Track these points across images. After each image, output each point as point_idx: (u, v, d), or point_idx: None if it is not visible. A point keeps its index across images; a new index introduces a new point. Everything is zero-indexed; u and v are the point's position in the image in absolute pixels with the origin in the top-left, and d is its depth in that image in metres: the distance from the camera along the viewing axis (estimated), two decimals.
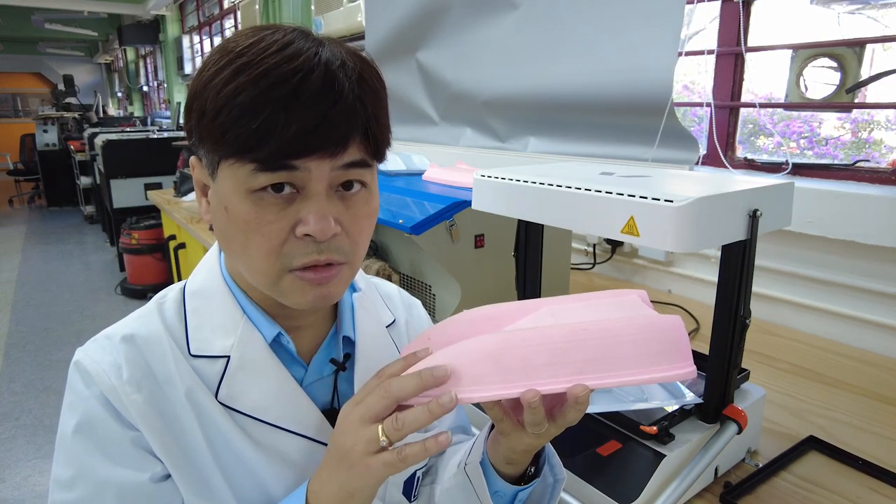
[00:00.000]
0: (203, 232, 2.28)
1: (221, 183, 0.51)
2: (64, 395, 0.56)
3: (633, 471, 0.74)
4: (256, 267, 0.52)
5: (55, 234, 6.68)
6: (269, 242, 0.50)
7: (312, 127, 0.47)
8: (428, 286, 1.33)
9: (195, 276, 0.61)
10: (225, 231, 0.53)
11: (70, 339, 3.67)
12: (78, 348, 0.56)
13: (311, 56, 0.47)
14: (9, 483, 2.32)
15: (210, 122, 0.48)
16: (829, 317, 1.32)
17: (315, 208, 0.50)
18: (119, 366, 0.53)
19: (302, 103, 0.46)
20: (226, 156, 0.49)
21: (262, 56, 0.47)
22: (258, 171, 0.48)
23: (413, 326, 0.75)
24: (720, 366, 0.78)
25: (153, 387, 0.54)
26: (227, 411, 0.55)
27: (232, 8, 5.35)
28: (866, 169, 1.32)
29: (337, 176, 0.51)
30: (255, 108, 0.46)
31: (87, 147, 6.00)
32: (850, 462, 0.87)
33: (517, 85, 1.91)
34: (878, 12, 1.36)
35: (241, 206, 0.50)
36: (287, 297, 0.53)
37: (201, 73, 0.50)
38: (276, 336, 0.58)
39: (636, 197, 0.68)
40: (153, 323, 0.57)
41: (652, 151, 1.55)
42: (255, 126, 0.46)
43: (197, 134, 0.51)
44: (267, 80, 0.46)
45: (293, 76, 0.46)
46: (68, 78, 8.85)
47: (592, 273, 1.84)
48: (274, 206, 0.50)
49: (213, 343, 0.56)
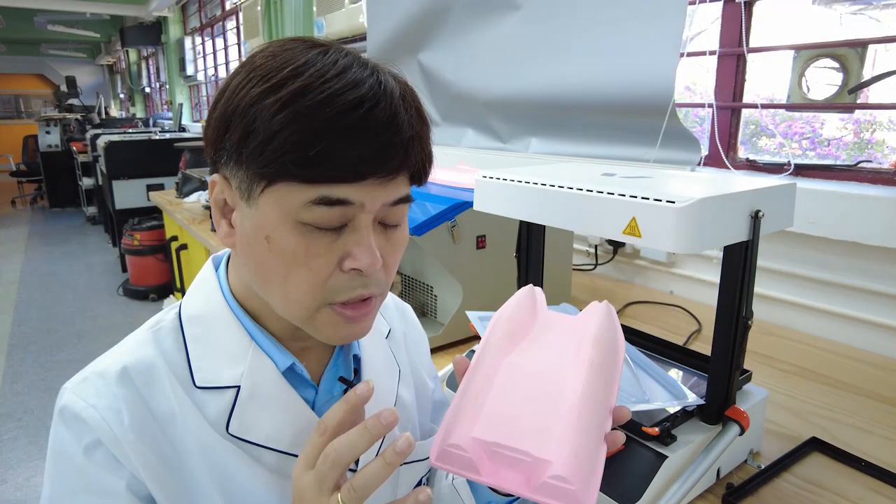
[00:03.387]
0: (205, 233, 2.29)
1: (264, 210, 0.48)
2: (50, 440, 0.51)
3: (635, 472, 0.74)
4: (295, 300, 0.50)
5: (57, 235, 6.69)
6: (315, 276, 0.49)
7: (375, 153, 0.46)
8: (429, 287, 1.33)
9: (192, 301, 0.58)
10: (263, 262, 0.50)
11: (72, 340, 3.67)
12: (63, 387, 0.52)
13: (375, 84, 0.47)
14: (11, 484, 2.32)
15: (260, 145, 0.45)
16: (832, 318, 1.32)
17: (365, 242, 0.49)
18: (118, 410, 0.50)
19: (368, 133, 0.45)
20: (275, 178, 0.46)
21: (322, 81, 0.45)
22: (313, 204, 0.46)
23: (410, 336, 0.74)
24: (722, 367, 0.78)
25: (155, 429, 0.51)
26: (238, 444, 0.53)
27: (234, 9, 5.36)
28: (869, 170, 1.32)
29: (384, 211, 0.50)
30: (318, 133, 0.44)
31: (89, 148, 6.02)
32: (853, 463, 0.86)
33: (519, 86, 1.91)
34: (881, 13, 1.36)
35: (289, 238, 0.47)
36: (320, 332, 0.52)
37: (237, 92, 0.47)
38: (290, 365, 0.56)
39: (638, 198, 0.68)
40: (150, 354, 0.53)
41: (654, 152, 1.55)
42: (316, 151, 0.44)
43: (235, 155, 0.48)
44: (331, 108, 0.44)
45: (360, 105, 0.45)
46: (71, 79, 8.88)
47: (594, 274, 1.84)
48: (323, 238, 0.48)
49: (221, 373, 0.53)
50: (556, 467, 0.45)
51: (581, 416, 0.49)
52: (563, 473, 0.45)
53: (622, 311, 1.52)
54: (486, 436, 0.48)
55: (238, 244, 0.52)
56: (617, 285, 1.73)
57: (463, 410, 0.50)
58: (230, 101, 0.48)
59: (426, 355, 0.77)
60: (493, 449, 0.47)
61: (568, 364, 0.54)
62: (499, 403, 0.50)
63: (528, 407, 0.50)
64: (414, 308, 0.81)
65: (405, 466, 0.65)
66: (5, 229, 7.05)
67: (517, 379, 0.53)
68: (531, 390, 0.52)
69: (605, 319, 0.57)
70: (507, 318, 0.59)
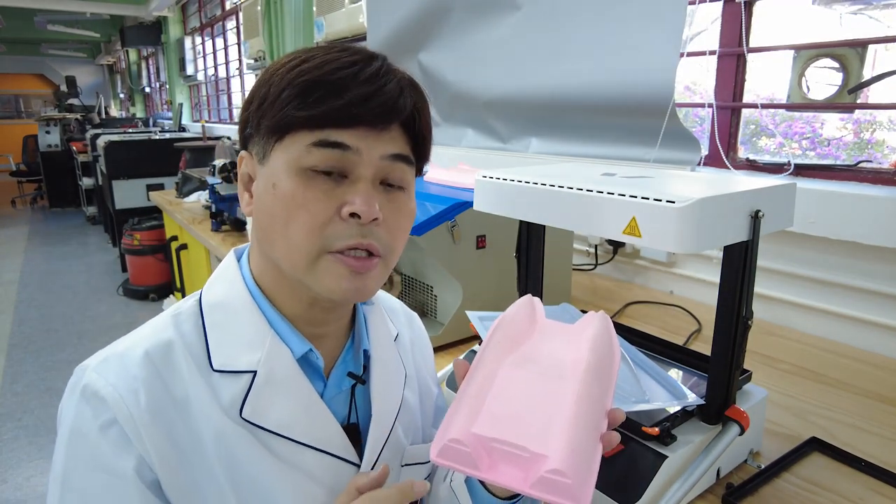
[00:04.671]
0: (205, 233, 2.29)
1: (273, 163, 0.53)
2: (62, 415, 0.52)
3: (635, 472, 0.74)
4: (296, 245, 0.52)
5: (57, 234, 6.69)
6: (313, 219, 0.52)
7: (366, 97, 0.51)
8: (429, 287, 1.33)
9: (213, 288, 0.60)
10: (269, 209, 0.54)
11: (72, 340, 3.67)
12: (84, 365, 0.53)
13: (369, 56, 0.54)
14: (11, 484, 2.32)
15: (273, 101, 0.52)
16: (832, 318, 1.32)
17: (362, 190, 0.52)
18: (136, 391, 0.51)
19: (359, 83, 0.51)
20: (283, 129, 0.52)
21: (326, 52, 0.53)
22: (313, 146, 0.51)
23: (416, 343, 0.75)
24: (722, 367, 0.78)
25: (171, 412, 0.52)
26: (250, 429, 0.53)
27: (234, 9, 5.35)
28: (868, 170, 1.32)
29: (383, 167, 0.54)
30: (317, 83, 0.51)
31: (89, 148, 6.01)
32: (853, 463, 0.86)
33: (519, 86, 1.91)
34: (881, 12, 1.36)
35: (290, 182, 0.52)
36: (321, 281, 0.53)
37: (264, 74, 0.55)
38: (306, 353, 0.57)
39: (638, 198, 0.68)
40: (170, 337, 0.55)
41: (654, 152, 1.55)
42: (315, 97, 0.51)
43: (255, 120, 0.54)
44: (330, 65, 0.52)
45: (354, 65, 0.52)
46: (71, 79, 8.88)
47: (594, 274, 1.84)
48: (323, 184, 0.52)
49: (239, 358, 0.55)
50: (553, 462, 0.46)
51: (578, 416, 0.50)
52: (560, 468, 0.45)
53: (622, 311, 1.52)
54: (486, 431, 0.48)
55: (255, 209, 0.56)
56: (617, 285, 1.73)
57: (463, 408, 0.51)
58: (259, 81, 0.56)
59: (431, 362, 0.79)
60: (491, 444, 0.48)
61: (565, 367, 0.55)
62: (498, 402, 0.51)
63: (526, 406, 0.51)
64: (414, 308, 0.82)
65: (407, 468, 0.65)
66: (5, 229, 7.05)
67: (516, 380, 0.54)
68: (530, 391, 0.53)
69: (601, 327, 0.59)
70: (508, 322, 0.60)
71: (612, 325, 0.61)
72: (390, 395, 0.64)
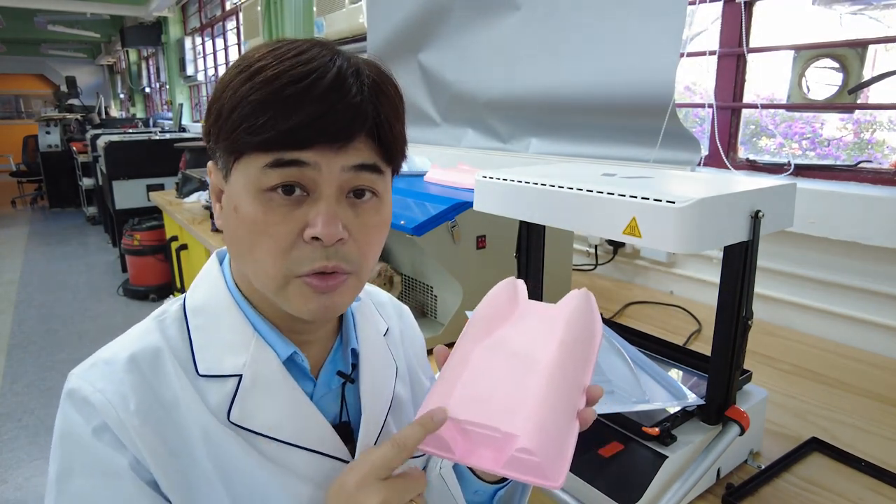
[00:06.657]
0: (205, 233, 2.29)
1: (234, 183, 0.52)
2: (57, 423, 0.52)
3: (635, 472, 0.74)
4: (263, 270, 0.52)
5: (57, 235, 6.69)
6: (276, 244, 0.50)
7: (317, 117, 0.48)
8: (429, 287, 1.33)
9: (196, 292, 0.59)
10: (234, 232, 0.53)
11: (72, 340, 3.67)
12: (72, 373, 0.53)
13: (326, 61, 0.49)
14: (11, 484, 2.32)
15: (225, 120, 0.50)
16: (832, 318, 1.32)
17: (323, 210, 0.50)
18: (125, 395, 0.51)
19: (311, 99, 0.48)
20: (237, 150, 0.50)
21: (279, 60, 0.49)
22: (268, 167, 0.49)
23: (407, 335, 0.75)
24: (722, 367, 0.78)
25: (160, 415, 0.51)
26: (238, 432, 0.53)
27: (234, 9, 5.36)
28: (868, 170, 1.32)
29: (348, 179, 0.51)
30: (266, 103, 0.48)
31: (89, 148, 6.01)
32: (853, 464, 0.86)
33: (519, 86, 1.91)
34: (881, 13, 1.36)
35: (251, 207, 0.50)
36: (291, 303, 0.52)
37: (221, 81, 0.52)
38: (291, 355, 0.57)
39: (638, 198, 0.68)
40: (155, 342, 0.54)
41: (654, 152, 1.55)
42: (265, 120, 0.48)
43: (214, 135, 0.52)
44: (280, 80, 0.48)
45: (306, 77, 0.48)
46: (71, 79, 8.88)
47: (594, 274, 1.84)
48: (282, 207, 0.50)
49: (224, 362, 0.55)
50: (522, 440, 0.46)
51: (549, 393, 0.50)
52: (529, 446, 0.45)
53: (622, 311, 1.52)
54: (459, 414, 0.49)
55: (223, 225, 0.55)
56: (617, 285, 1.73)
57: (437, 394, 0.51)
58: (214, 90, 0.53)
59: (423, 355, 0.78)
60: (464, 427, 0.49)
61: (540, 346, 0.55)
62: (471, 385, 0.52)
63: (499, 387, 0.51)
64: (414, 308, 0.81)
65: None
66: (5, 229, 7.05)
67: (490, 362, 0.54)
68: (504, 371, 0.53)
69: (580, 304, 0.59)
70: (485, 305, 0.61)
71: (594, 301, 0.60)
72: (380, 391, 0.64)
